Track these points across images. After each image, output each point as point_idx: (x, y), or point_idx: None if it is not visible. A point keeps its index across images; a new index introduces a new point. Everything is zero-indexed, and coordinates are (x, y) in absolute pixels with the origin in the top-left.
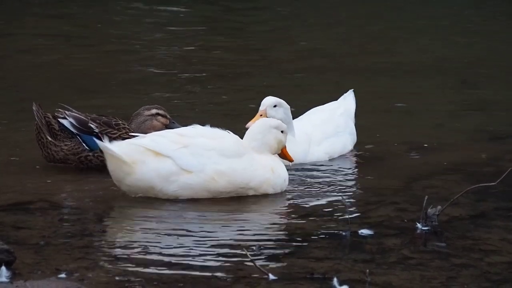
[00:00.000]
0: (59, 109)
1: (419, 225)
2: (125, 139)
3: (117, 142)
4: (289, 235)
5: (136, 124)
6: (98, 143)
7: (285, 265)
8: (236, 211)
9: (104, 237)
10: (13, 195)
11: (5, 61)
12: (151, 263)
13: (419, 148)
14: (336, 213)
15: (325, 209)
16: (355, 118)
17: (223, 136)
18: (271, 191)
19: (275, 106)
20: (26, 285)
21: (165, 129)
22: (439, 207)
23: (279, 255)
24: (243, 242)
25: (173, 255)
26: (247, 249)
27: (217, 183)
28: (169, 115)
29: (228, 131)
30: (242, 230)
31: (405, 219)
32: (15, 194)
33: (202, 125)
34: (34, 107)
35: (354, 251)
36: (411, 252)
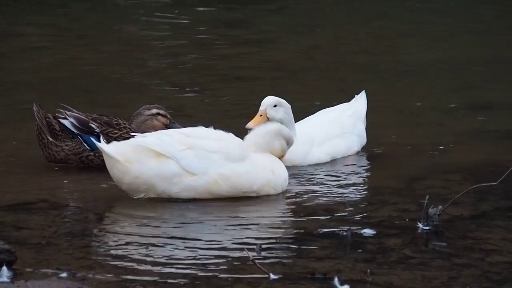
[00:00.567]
0: (60, 109)
1: (420, 224)
2: (126, 138)
3: (115, 142)
4: (290, 234)
5: (136, 124)
6: (96, 143)
7: (286, 264)
8: (236, 211)
9: (105, 237)
10: (14, 195)
11: (5, 61)
12: (152, 263)
13: (420, 148)
14: (337, 212)
15: (326, 208)
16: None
17: (227, 139)
18: (272, 192)
19: (275, 106)
20: (27, 285)
21: (165, 129)
22: (440, 206)
23: (280, 255)
24: (243, 242)
25: (173, 254)
26: (248, 248)
27: (220, 186)
28: (169, 115)
29: (230, 133)
30: (242, 229)
31: (406, 219)
32: (16, 194)
33: (205, 126)
34: (34, 107)
35: (355, 250)
36: (412, 252)
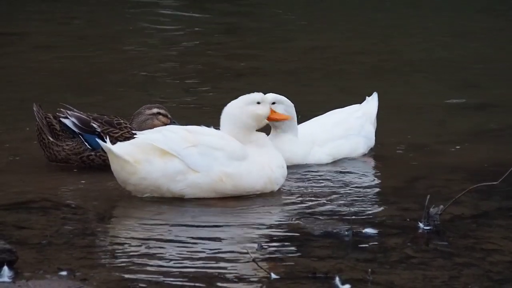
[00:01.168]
0: (60, 109)
1: (421, 224)
2: (127, 138)
3: (120, 143)
4: (291, 234)
5: (137, 123)
6: (101, 144)
7: (287, 264)
8: (237, 210)
9: (106, 236)
10: (15, 194)
11: (6, 60)
12: (153, 262)
13: (421, 148)
14: (338, 212)
15: (327, 208)
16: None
17: (228, 139)
18: (275, 188)
19: (273, 103)
20: (28, 284)
21: None
22: (441, 206)
23: (281, 254)
24: (244, 241)
25: (174, 254)
26: (248, 248)
27: (224, 184)
28: (170, 114)
29: None
30: (243, 229)
31: (407, 218)
32: (17, 193)
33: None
34: (34, 108)
35: (356, 250)
36: (413, 252)
